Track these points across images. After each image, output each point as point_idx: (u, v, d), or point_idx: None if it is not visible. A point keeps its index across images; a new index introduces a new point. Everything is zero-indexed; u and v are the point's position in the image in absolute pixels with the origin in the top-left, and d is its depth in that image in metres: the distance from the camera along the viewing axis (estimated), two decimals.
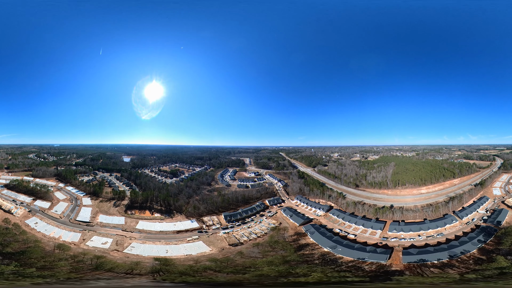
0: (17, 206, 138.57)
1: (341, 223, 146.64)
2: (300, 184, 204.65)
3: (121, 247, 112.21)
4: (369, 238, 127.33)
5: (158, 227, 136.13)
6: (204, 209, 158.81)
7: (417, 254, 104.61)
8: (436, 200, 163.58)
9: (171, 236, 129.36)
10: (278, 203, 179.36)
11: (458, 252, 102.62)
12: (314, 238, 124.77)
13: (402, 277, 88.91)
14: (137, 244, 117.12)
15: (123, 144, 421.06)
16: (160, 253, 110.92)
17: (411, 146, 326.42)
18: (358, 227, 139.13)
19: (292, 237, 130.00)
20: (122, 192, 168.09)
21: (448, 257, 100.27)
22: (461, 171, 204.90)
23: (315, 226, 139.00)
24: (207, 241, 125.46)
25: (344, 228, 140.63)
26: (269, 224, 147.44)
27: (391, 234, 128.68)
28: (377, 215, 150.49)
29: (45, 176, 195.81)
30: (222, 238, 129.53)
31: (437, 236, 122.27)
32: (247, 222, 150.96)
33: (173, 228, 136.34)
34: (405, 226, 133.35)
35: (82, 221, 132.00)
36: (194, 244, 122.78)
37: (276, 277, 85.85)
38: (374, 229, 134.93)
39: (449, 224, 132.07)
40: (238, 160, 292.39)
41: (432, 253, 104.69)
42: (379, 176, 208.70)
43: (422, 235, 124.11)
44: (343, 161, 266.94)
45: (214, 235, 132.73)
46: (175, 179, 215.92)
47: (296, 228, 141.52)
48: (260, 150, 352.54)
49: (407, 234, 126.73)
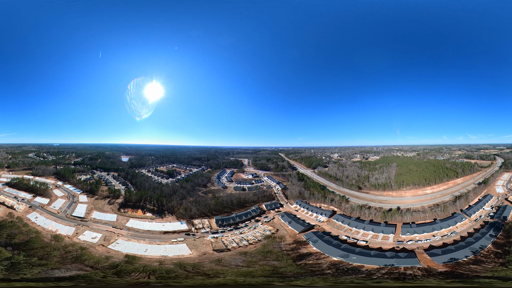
0: (18, 202, 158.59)
1: (347, 229, 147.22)
2: (300, 187, 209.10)
3: (107, 242, 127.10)
4: (383, 243, 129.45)
5: (147, 226, 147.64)
6: (197, 211, 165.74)
7: (444, 254, 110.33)
8: (442, 200, 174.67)
9: (157, 236, 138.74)
10: (276, 208, 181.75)
11: (477, 248, 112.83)
12: (318, 247, 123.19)
13: (483, 280, 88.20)
14: (122, 241, 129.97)
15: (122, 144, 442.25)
16: (138, 251, 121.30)
17: (411, 146, 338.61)
18: (368, 233, 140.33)
19: (290, 246, 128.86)
20: (117, 191, 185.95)
21: (472, 254, 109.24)
22: (464, 171, 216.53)
23: (317, 233, 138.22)
24: (191, 244, 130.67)
25: (352, 234, 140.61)
26: (264, 230, 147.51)
27: (405, 237, 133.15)
28: (385, 219, 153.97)
29: (45, 175, 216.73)
30: (208, 243, 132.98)
31: (451, 235, 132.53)
32: (240, 228, 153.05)
33: (162, 228, 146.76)
34: (418, 227, 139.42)
35: (77, 216, 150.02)
36: (176, 246, 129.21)
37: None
38: (386, 233, 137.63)
39: (459, 222, 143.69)
40: (237, 161, 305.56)
41: (455, 251, 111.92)
42: (382, 177, 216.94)
43: (437, 235, 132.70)
44: (343, 162, 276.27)
45: (201, 238, 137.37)
46: (171, 180, 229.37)
47: (295, 235, 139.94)
48: (259, 151, 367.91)
49: (421, 235, 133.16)
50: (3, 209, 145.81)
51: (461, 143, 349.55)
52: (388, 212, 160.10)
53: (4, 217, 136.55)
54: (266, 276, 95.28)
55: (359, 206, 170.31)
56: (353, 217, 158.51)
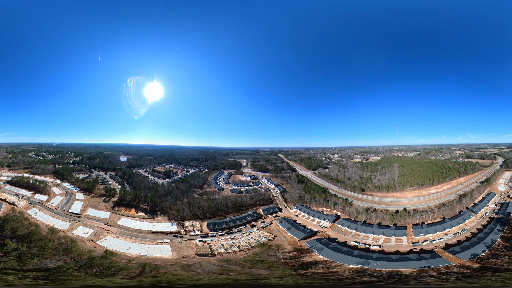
0: (19, 199, 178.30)
1: (354, 234, 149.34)
2: (300, 190, 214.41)
3: (97, 238, 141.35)
4: (398, 246, 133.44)
5: (137, 225, 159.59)
6: (189, 213, 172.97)
7: (464, 251, 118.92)
8: (447, 199, 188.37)
9: (145, 235, 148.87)
10: (274, 212, 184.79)
11: (489, 242, 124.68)
12: (325, 254, 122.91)
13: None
14: (110, 238, 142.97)
15: (122, 143, 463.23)
16: (121, 249, 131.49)
17: (410, 146, 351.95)
18: (378, 237, 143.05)
19: (289, 254, 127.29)
20: (113, 190, 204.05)
21: (487, 248, 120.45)
22: (466, 170, 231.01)
23: (322, 240, 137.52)
24: (175, 247, 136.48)
25: (361, 239, 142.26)
26: (259, 236, 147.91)
27: (419, 238, 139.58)
28: (394, 221, 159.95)
29: (44, 173, 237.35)
30: (194, 246, 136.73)
31: (462, 232, 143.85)
32: (233, 233, 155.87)
33: (151, 228, 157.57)
34: (429, 227, 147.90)
35: (73, 212, 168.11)
36: (160, 246, 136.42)
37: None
38: (398, 236, 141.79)
39: (467, 219, 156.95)
40: (235, 162, 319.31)
41: (472, 247, 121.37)
42: (385, 178, 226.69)
43: (449, 233, 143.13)
44: (344, 163, 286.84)
45: (188, 241, 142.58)
46: (167, 180, 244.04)
47: (295, 243, 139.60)
48: (258, 152, 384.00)
49: (434, 235, 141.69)
50: (6, 205, 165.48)
51: (460, 143, 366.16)
52: (396, 214, 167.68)
53: (7, 212, 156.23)
54: (235, 285, 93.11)
55: (365, 209, 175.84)
56: (359, 221, 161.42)
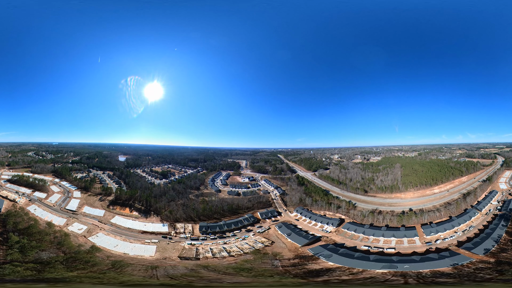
0: (19, 196, 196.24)
1: (362, 238, 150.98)
2: (300, 193, 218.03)
3: (89, 234, 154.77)
4: (413, 247, 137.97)
5: (129, 224, 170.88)
6: (183, 214, 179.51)
7: (476, 247, 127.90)
8: (451, 198, 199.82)
9: (135, 234, 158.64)
10: (272, 216, 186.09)
11: (496, 237, 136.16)
12: (337, 261, 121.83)
13: None
14: (101, 235, 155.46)
15: (121, 143, 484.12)
16: (108, 246, 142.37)
17: (410, 146, 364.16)
18: (389, 239, 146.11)
19: (290, 261, 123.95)
20: (109, 189, 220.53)
21: (495, 243, 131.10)
22: (468, 169, 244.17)
23: (328, 246, 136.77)
24: (161, 248, 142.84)
25: (371, 243, 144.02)
26: (255, 242, 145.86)
27: (431, 238, 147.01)
28: (402, 222, 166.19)
29: (43, 172, 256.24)
30: (180, 249, 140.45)
31: (470, 229, 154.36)
32: (226, 237, 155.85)
33: (142, 228, 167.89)
34: (438, 226, 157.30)
35: (70, 209, 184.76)
36: (146, 246, 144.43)
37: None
38: (409, 237, 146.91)
39: (473, 217, 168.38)
40: (234, 162, 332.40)
41: (482, 243, 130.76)
42: (387, 179, 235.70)
43: (458, 231, 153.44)
44: (345, 163, 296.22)
45: (176, 243, 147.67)
46: (164, 181, 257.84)
47: (297, 250, 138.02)
48: (258, 152, 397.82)
49: (445, 233, 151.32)
50: (7, 202, 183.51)
51: (460, 142, 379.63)
52: (403, 215, 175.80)
53: (9, 208, 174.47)
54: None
55: (370, 211, 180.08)
56: (366, 224, 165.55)
